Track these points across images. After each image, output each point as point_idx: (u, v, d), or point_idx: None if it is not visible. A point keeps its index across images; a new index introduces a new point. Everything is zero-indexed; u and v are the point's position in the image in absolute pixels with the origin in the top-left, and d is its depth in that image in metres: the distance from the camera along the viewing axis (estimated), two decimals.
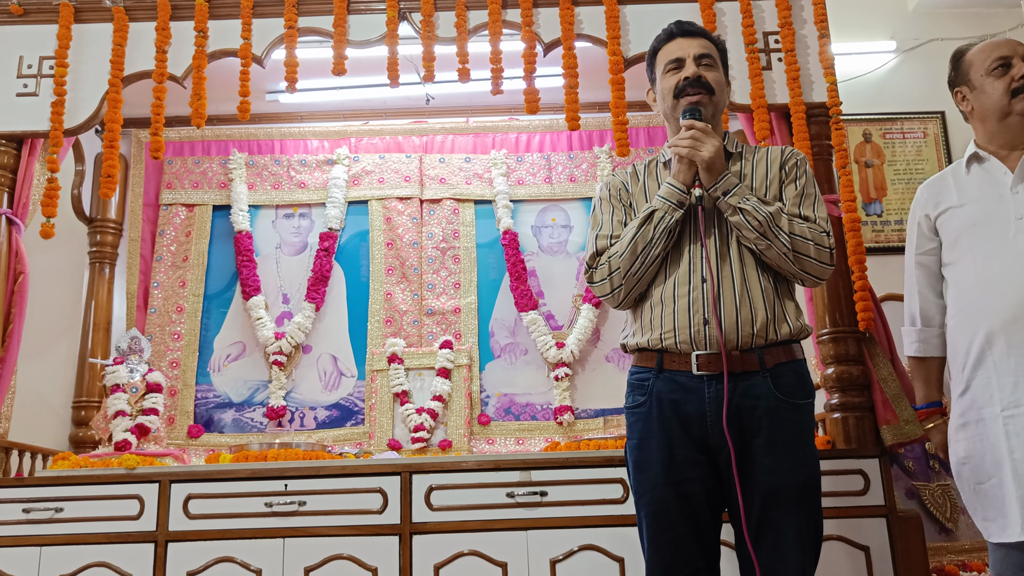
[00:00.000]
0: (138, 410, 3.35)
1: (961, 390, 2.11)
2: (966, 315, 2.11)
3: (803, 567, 1.84)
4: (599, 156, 3.95)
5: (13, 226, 3.07)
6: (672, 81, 2.05)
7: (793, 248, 1.92)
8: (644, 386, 1.97)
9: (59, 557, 2.67)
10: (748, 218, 1.91)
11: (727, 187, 1.94)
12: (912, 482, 3.24)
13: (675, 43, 2.09)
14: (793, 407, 1.91)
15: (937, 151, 3.97)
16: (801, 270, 1.94)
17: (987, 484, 2.01)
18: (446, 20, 3.11)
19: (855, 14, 4.07)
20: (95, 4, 3.13)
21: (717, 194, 1.94)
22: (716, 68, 2.07)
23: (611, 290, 2.01)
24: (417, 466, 2.75)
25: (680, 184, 1.97)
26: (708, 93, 2.03)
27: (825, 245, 1.95)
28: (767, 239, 1.91)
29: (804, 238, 1.93)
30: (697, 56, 2.05)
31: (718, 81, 2.06)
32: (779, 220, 1.92)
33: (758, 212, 1.91)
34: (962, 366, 2.11)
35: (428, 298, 3.82)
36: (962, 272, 2.14)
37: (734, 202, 1.93)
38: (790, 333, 1.94)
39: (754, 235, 1.92)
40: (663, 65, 2.09)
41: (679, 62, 2.05)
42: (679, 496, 1.88)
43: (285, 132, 4.01)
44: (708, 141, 1.94)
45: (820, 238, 1.95)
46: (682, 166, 1.97)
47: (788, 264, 1.93)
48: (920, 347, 2.28)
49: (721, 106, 2.08)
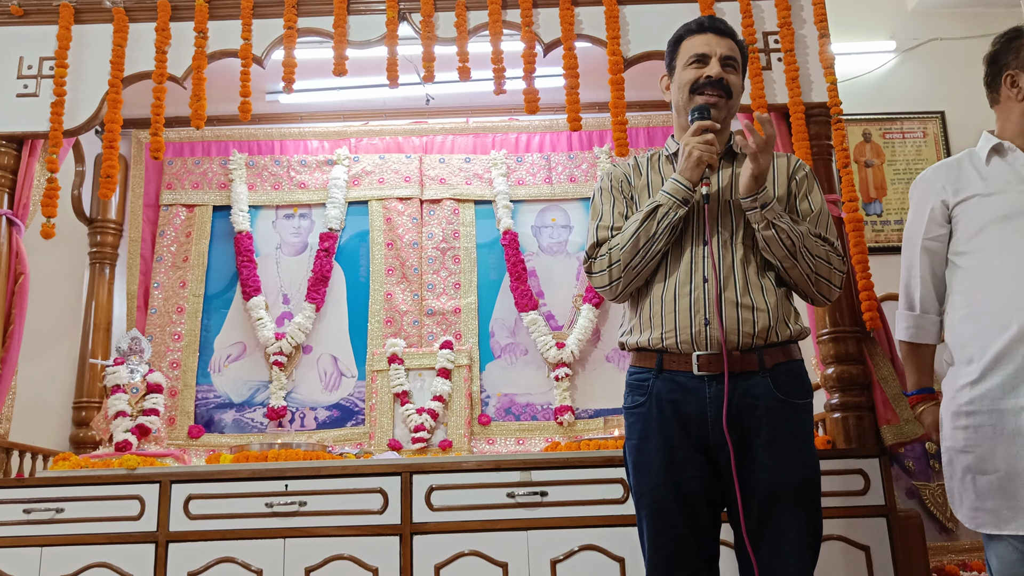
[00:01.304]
0: (139, 411, 3.35)
1: (972, 380, 2.06)
2: (988, 307, 2.07)
3: (803, 567, 1.84)
4: (599, 156, 3.95)
5: (13, 227, 3.07)
6: (693, 75, 2.03)
7: (816, 271, 1.95)
8: (643, 386, 1.97)
9: (60, 558, 2.68)
10: (782, 235, 1.91)
11: (766, 200, 1.92)
12: (912, 482, 3.24)
13: (704, 37, 2.05)
14: (793, 407, 1.91)
15: (937, 151, 3.97)
16: (817, 292, 1.98)
17: (993, 476, 1.98)
18: (446, 20, 3.11)
19: (855, 14, 4.07)
20: (95, 5, 3.14)
21: (755, 204, 1.92)
22: (737, 72, 2.06)
23: (610, 282, 2.01)
24: (417, 466, 2.75)
25: (687, 182, 1.95)
26: (727, 97, 2.02)
27: (841, 270, 1.99)
28: (794, 259, 1.92)
29: (828, 263, 1.96)
30: (723, 57, 2.02)
31: (736, 86, 2.05)
32: (807, 241, 1.93)
33: (792, 232, 1.91)
34: (974, 357, 2.06)
35: (428, 298, 3.82)
36: (985, 263, 2.08)
37: (770, 216, 1.91)
38: (790, 335, 1.95)
39: (783, 252, 1.92)
40: (687, 56, 2.05)
41: (704, 58, 2.03)
42: (679, 496, 1.89)
43: (285, 133, 4.02)
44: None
45: (840, 264, 1.99)
46: (691, 164, 1.94)
47: (807, 285, 1.96)
48: (915, 332, 2.25)
49: (734, 109, 2.07)
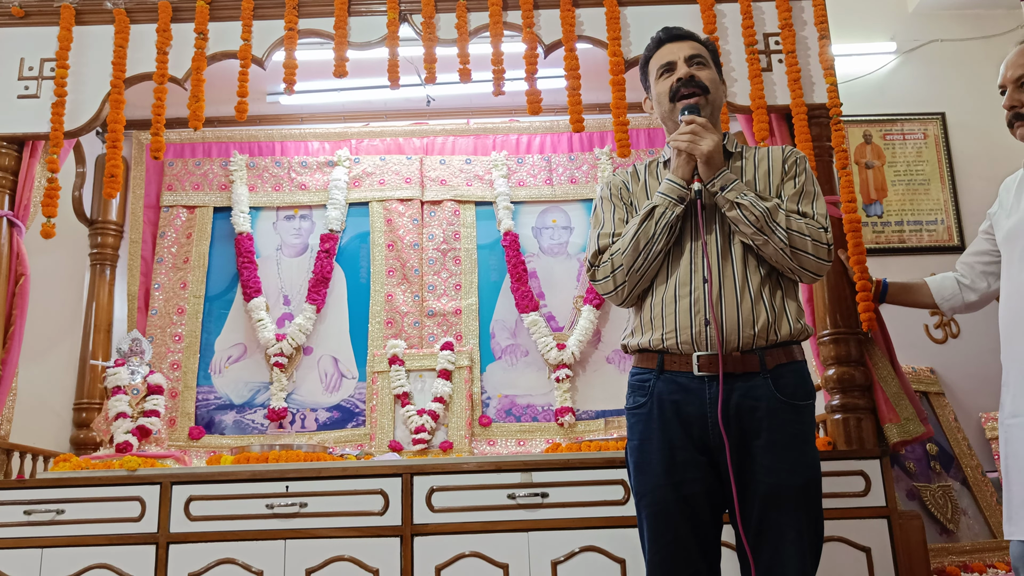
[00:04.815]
0: (139, 412, 3.35)
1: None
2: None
3: (804, 568, 1.84)
4: (599, 157, 3.96)
5: (14, 228, 3.07)
6: (666, 85, 2.08)
7: (791, 244, 1.92)
8: (645, 387, 1.97)
9: (60, 559, 2.68)
10: (745, 213, 1.92)
11: (725, 182, 1.95)
12: (913, 483, 3.24)
13: (664, 48, 2.11)
14: (794, 408, 1.91)
15: (937, 152, 3.97)
16: (799, 266, 1.95)
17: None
18: (447, 22, 3.11)
19: (855, 15, 4.07)
20: (96, 6, 3.14)
21: (715, 188, 1.95)
22: (708, 67, 2.09)
23: (614, 287, 2.01)
24: (418, 468, 2.75)
25: (679, 179, 1.98)
26: (703, 92, 2.04)
27: (823, 241, 1.95)
28: (764, 234, 1.92)
29: (801, 234, 1.93)
30: (687, 57, 2.07)
31: (711, 79, 2.07)
32: (776, 215, 1.93)
33: (755, 207, 1.92)
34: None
35: (429, 299, 3.82)
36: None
37: (731, 197, 1.93)
38: (790, 334, 1.94)
39: (751, 230, 1.92)
40: (655, 71, 2.11)
41: (670, 66, 2.08)
42: (680, 497, 1.89)
43: (286, 134, 4.02)
44: (707, 135, 1.96)
45: (818, 234, 1.95)
46: (681, 161, 1.98)
47: (785, 260, 1.94)
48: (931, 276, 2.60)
49: (718, 104, 2.09)
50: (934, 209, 3.92)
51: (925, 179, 3.95)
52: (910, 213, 3.91)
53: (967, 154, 3.96)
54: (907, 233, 3.89)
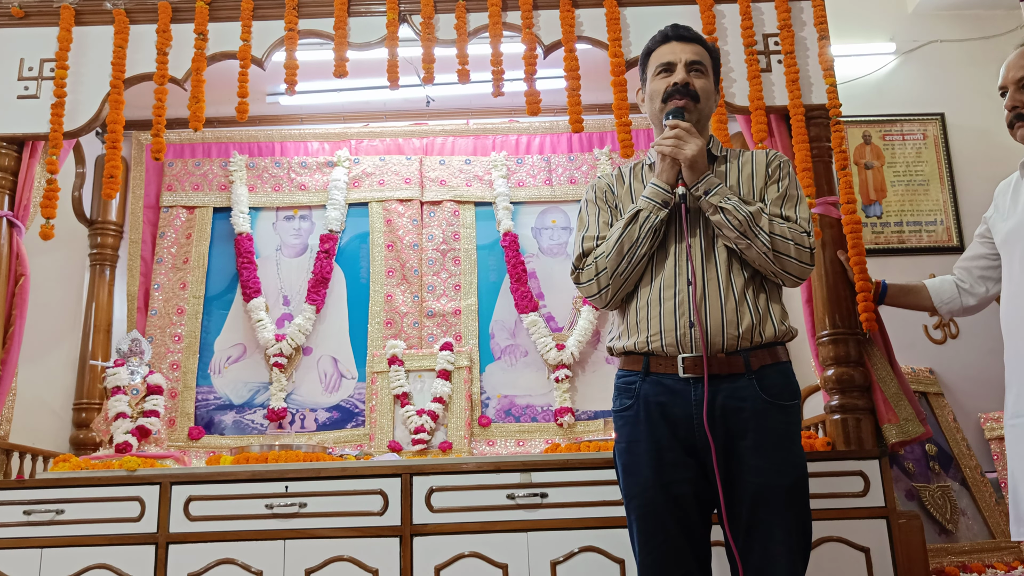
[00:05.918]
0: (139, 412, 3.35)
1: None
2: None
3: (793, 568, 1.84)
4: (599, 158, 3.96)
5: (14, 228, 3.07)
6: (661, 85, 2.08)
7: (773, 248, 1.93)
8: (631, 389, 1.98)
9: (60, 559, 2.67)
10: (728, 217, 1.93)
11: (708, 186, 1.96)
12: (912, 483, 3.24)
13: (669, 46, 2.11)
14: (780, 408, 1.92)
15: (937, 153, 3.97)
16: (782, 269, 1.95)
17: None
18: (446, 22, 3.11)
19: (854, 16, 4.07)
20: (96, 6, 3.14)
21: (699, 193, 1.96)
22: (706, 76, 2.09)
23: (598, 291, 2.02)
24: (418, 468, 2.75)
25: (664, 183, 1.99)
26: (693, 100, 2.05)
27: (805, 245, 1.96)
28: (747, 238, 1.93)
29: (784, 238, 1.94)
30: (688, 62, 2.07)
31: (705, 89, 2.08)
32: (759, 220, 1.94)
33: (738, 211, 1.92)
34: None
35: (428, 300, 3.82)
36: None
37: (715, 201, 1.95)
38: (775, 335, 1.95)
39: (734, 234, 1.93)
40: (655, 67, 2.12)
41: (670, 67, 2.08)
42: (669, 498, 1.90)
43: (285, 134, 4.02)
44: (691, 140, 1.97)
45: (800, 238, 1.96)
46: (665, 165, 2.00)
47: (768, 264, 1.94)
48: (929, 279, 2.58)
49: (707, 113, 2.10)
50: (933, 210, 3.92)
51: (924, 180, 3.95)
52: (909, 214, 3.91)
53: (966, 155, 3.96)
54: (906, 234, 3.89)
